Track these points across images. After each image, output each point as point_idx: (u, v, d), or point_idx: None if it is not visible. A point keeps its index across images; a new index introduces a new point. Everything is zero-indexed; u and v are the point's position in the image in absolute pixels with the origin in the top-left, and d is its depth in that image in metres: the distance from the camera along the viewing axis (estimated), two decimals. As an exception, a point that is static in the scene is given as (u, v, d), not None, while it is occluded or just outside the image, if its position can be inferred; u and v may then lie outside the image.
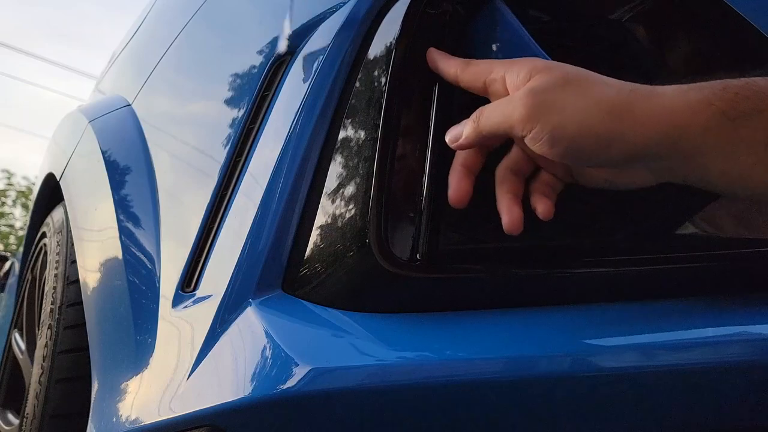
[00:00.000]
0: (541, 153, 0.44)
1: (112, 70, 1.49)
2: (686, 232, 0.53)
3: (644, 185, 0.47)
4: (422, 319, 0.50)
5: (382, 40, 0.53)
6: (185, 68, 0.93)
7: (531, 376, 0.47)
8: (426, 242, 0.49)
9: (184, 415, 0.52)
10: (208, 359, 0.53)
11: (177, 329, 0.60)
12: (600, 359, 0.48)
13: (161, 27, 1.13)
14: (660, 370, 0.47)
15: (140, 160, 0.84)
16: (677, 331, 0.49)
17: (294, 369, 0.46)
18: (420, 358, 0.47)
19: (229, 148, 0.63)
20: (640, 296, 0.51)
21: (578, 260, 0.51)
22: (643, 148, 0.42)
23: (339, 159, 0.54)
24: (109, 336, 0.72)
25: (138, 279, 0.70)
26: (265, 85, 0.63)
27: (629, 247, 0.51)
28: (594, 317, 0.50)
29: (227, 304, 0.54)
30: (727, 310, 0.50)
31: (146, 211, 0.76)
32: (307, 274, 0.53)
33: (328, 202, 0.54)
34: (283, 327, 0.50)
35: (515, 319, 0.50)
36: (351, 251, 0.51)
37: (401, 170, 0.50)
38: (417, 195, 0.50)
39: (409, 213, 0.49)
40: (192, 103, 0.85)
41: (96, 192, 0.88)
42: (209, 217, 0.62)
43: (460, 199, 0.47)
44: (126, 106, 1.03)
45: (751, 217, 0.53)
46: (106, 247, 0.78)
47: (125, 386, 0.63)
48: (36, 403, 0.85)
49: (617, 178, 0.47)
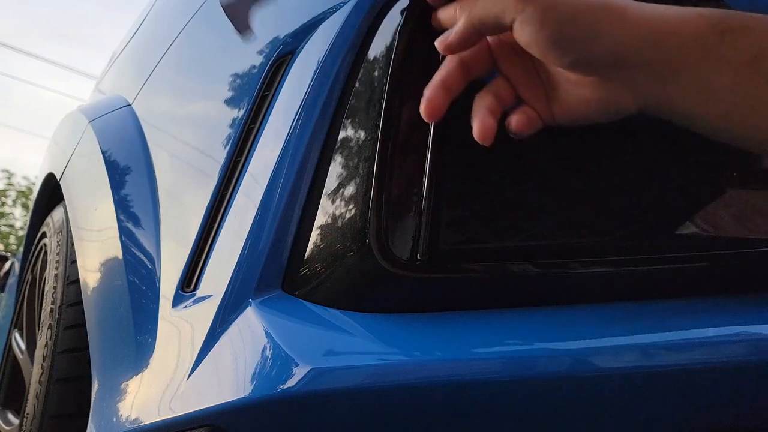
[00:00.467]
0: (528, 40, 0.44)
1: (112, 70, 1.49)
2: (686, 232, 0.53)
3: (622, 111, 0.46)
4: (422, 319, 0.50)
5: (382, 40, 0.53)
6: (185, 68, 0.93)
7: (531, 376, 0.47)
8: (426, 242, 0.49)
9: (184, 415, 0.52)
10: (208, 359, 0.53)
11: (177, 329, 0.60)
12: (600, 359, 0.48)
13: (161, 27, 1.13)
14: (660, 370, 0.47)
15: (140, 160, 0.84)
16: (677, 331, 0.49)
17: (294, 369, 0.46)
18: (420, 358, 0.47)
19: (229, 148, 0.63)
20: (640, 296, 0.51)
21: (578, 260, 0.51)
22: (630, 48, 0.42)
23: (339, 159, 0.54)
24: (109, 336, 0.72)
25: (138, 279, 0.70)
26: (265, 85, 0.63)
27: (629, 246, 0.51)
28: (594, 317, 0.50)
29: (227, 304, 0.54)
30: (727, 310, 0.50)
31: (146, 211, 0.77)
32: (307, 274, 0.53)
33: (328, 202, 0.54)
34: (283, 327, 0.50)
35: (515, 319, 0.50)
36: (351, 251, 0.51)
37: (401, 170, 0.50)
38: (417, 195, 0.50)
39: (409, 213, 0.49)
40: (192, 103, 0.85)
41: (96, 192, 0.88)
42: (209, 217, 0.62)
43: (433, 114, 0.47)
44: (126, 106, 1.03)
45: (751, 217, 0.53)
46: (106, 247, 0.78)
47: (125, 386, 0.63)
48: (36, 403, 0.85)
49: (596, 100, 0.46)
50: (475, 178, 0.50)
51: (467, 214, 0.49)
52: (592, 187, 0.51)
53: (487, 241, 0.51)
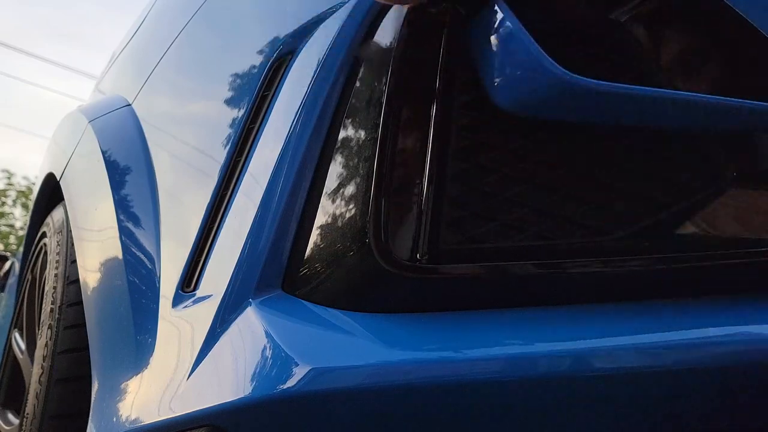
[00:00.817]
0: None
1: (112, 70, 1.49)
2: (686, 232, 0.53)
3: None
4: (422, 319, 0.50)
5: (382, 40, 0.53)
6: (185, 68, 0.93)
7: (531, 376, 0.47)
8: (426, 242, 0.49)
9: (184, 415, 0.52)
10: (208, 359, 0.53)
11: (177, 329, 0.60)
12: (600, 359, 0.48)
13: (161, 27, 1.13)
14: (660, 370, 0.47)
15: (140, 160, 0.84)
16: (677, 331, 0.49)
17: (294, 369, 0.46)
18: (420, 358, 0.47)
19: (229, 148, 0.63)
20: (640, 296, 0.51)
21: (578, 260, 0.51)
22: None
23: (339, 159, 0.54)
24: (109, 336, 0.72)
25: (138, 279, 0.70)
26: (265, 85, 0.63)
27: (629, 247, 0.51)
28: (594, 317, 0.50)
29: (227, 304, 0.54)
30: (727, 310, 0.50)
31: (146, 211, 0.77)
32: (307, 274, 0.53)
33: (328, 202, 0.54)
34: (283, 327, 0.50)
35: (515, 319, 0.50)
36: (351, 251, 0.51)
37: (401, 170, 0.50)
38: (417, 195, 0.50)
39: (409, 213, 0.49)
40: (192, 103, 0.85)
41: (96, 192, 0.88)
42: (209, 217, 0.62)
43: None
44: (126, 106, 1.03)
45: (751, 217, 0.53)
46: (106, 247, 0.78)
47: (125, 386, 0.63)
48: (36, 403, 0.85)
49: None
50: (475, 178, 0.50)
51: (467, 214, 0.49)
52: (592, 187, 0.51)
53: (486, 241, 0.51)
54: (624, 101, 0.48)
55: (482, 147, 0.51)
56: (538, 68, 0.48)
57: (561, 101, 0.49)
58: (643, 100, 0.48)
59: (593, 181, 0.51)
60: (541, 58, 0.48)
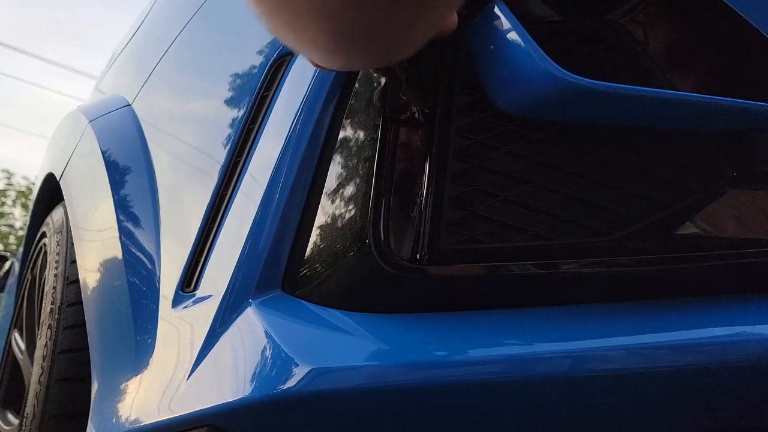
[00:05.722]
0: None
1: (112, 70, 1.49)
2: (686, 232, 0.53)
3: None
4: (422, 319, 0.50)
5: (382, 40, 0.53)
6: (185, 68, 0.93)
7: (531, 376, 0.47)
8: (426, 242, 0.49)
9: (184, 415, 0.52)
10: (208, 359, 0.53)
11: (177, 329, 0.60)
12: (600, 359, 0.48)
13: (161, 27, 1.13)
14: (660, 370, 0.47)
15: (140, 160, 0.84)
16: (677, 331, 0.49)
17: (294, 369, 0.46)
18: (420, 358, 0.47)
19: (229, 148, 0.63)
20: (640, 296, 0.51)
21: (578, 260, 0.51)
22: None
23: (339, 159, 0.54)
24: (109, 336, 0.72)
25: (138, 279, 0.70)
26: (265, 85, 0.63)
27: (629, 247, 0.51)
28: (594, 317, 0.50)
29: (227, 304, 0.54)
30: (727, 310, 0.50)
31: (146, 211, 0.76)
32: (307, 275, 0.53)
33: (328, 202, 0.54)
34: (283, 327, 0.50)
35: (515, 319, 0.50)
36: (351, 251, 0.51)
37: (401, 170, 0.50)
38: (417, 195, 0.50)
39: (408, 213, 0.49)
40: (192, 103, 0.85)
41: (96, 192, 0.88)
42: (209, 217, 0.62)
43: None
44: (126, 106, 1.03)
45: (751, 217, 0.53)
46: (106, 247, 0.78)
47: (125, 386, 0.63)
48: (36, 403, 0.85)
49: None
50: (475, 178, 0.50)
51: (467, 215, 0.49)
52: (592, 187, 0.51)
53: (486, 241, 0.51)
54: (624, 101, 0.48)
55: (482, 147, 0.51)
56: (538, 68, 0.48)
57: (561, 101, 0.49)
58: (643, 100, 0.48)
59: (593, 182, 0.51)
60: (541, 59, 0.48)
